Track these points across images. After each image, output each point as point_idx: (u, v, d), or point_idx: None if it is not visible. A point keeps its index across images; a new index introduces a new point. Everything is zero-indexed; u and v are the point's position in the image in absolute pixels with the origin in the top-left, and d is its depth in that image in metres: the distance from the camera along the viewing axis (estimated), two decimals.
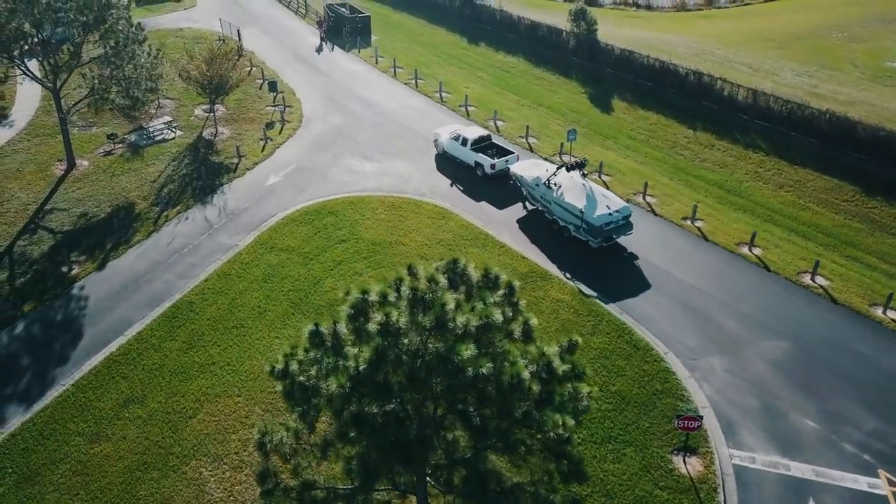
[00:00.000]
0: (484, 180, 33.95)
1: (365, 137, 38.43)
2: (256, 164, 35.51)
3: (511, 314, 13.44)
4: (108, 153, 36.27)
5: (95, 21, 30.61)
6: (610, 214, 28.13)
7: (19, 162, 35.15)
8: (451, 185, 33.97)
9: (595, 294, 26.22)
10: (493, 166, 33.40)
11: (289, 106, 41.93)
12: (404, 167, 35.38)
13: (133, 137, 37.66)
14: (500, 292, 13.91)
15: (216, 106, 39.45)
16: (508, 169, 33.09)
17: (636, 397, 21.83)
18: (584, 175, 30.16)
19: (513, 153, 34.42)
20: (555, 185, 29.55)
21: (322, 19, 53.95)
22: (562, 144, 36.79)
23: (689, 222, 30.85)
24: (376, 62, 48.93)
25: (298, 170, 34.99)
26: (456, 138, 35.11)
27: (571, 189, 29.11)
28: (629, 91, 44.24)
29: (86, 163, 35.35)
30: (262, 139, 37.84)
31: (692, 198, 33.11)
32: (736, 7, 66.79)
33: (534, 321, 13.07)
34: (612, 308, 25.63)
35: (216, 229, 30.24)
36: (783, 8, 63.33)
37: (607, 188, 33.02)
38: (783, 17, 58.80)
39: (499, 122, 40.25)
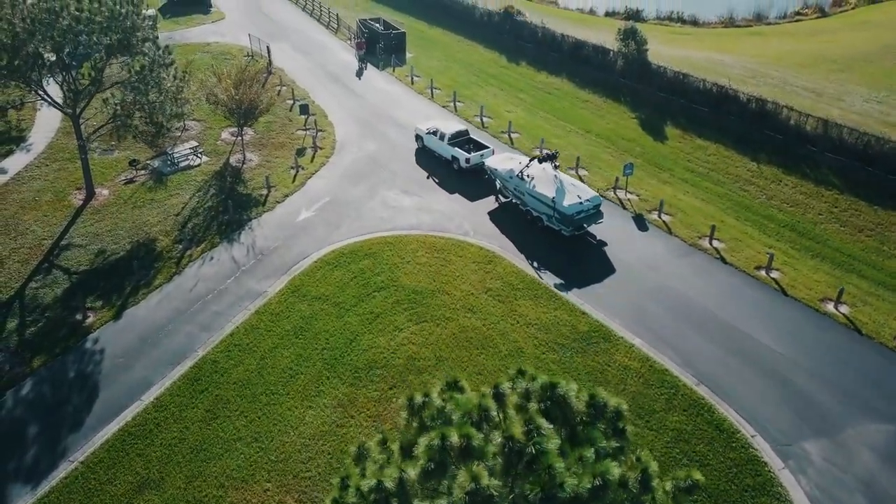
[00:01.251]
0: (460, 174, 34.75)
1: (402, 167, 35.82)
2: (287, 196, 33.02)
3: (619, 449, 10.67)
4: (130, 181, 34.02)
5: (120, 44, 28.35)
6: (581, 203, 28.66)
7: (36, 190, 33.01)
8: (428, 178, 34.71)
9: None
10: (468, 160, 34.26)
11: (321, 130, 39.47)
12: (445, 202, 32.69)
13: (156, 163, 35.40)
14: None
15: (244, 130, 37.09)
16: (483, 163, 33.56)
17: (724, 495, 18.86)
18: (556, 167, 30.56)
19: (488, 147, 35.35)
20: (528, 176, 30.27)
21: (359, 39, 51.14)
22: (617, 179, 33.87)
23: (763, 272, 27.77)
24: (412, 82, 46.36)
25: (332, 203, 32.44)
26: (434, 132, 36.04)
27: (543, 180, 29.89)
28: (683, 117, 41.22)
29: (106, 191, 33.12)
30: (292, 167, 35.38)
31: (763, 242, 30.04)
32: (787, 23, 63.43)
33: (654, 467, 10.24)
34: (686, 377, 22.66)
35: (243, 272, 27.75)
36: (839, 25, 59.88)
37: (638, 205, 30.14)
38: (842, 35, 55.35)
39: (545, 152, 37.38)
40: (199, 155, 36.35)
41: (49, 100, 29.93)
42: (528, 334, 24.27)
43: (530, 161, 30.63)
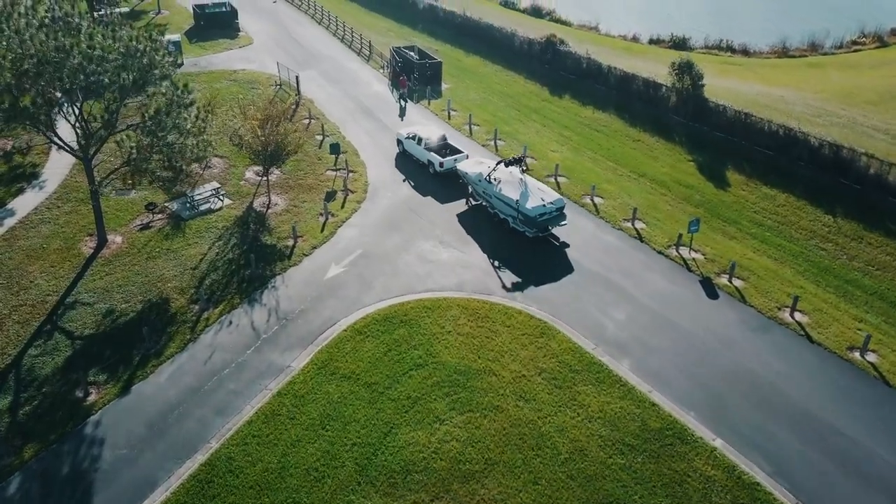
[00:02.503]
0: (434, 177, 35.96)
1: (440, 215, 32.76)
2: (315, 247, 30.09)
3: None
4: (146, 226, 31.37)
5: (135, 84, 25.74)
6: (544, 206, 29.51)
7: (44, 236, 30.46)
8: (404, 181, 35.79)
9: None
10: (441, 164, 35.47)
11: (352, 170, 36.59)
12: (488, 257, 29.54)
13: (175, 206, 32.74)
14: None
15: (271, 170, 34.29)
16: (456, 167, 34.49)
17: None
18: (523, 171, 31.81)
19: (462, 152, 36.31)
20: (495, 179, 31.28)
21: (401, 74, 47.12)
22: (680, 236, 30.44)
23: (858, 355, 24.15)
24: (449, 117, 43.42)
25: (364, 257, 29.44)
26: (412, 137, 37.48)
27: (509, 183, 30.88)
28: (746, 161, 37.73)
29: (119, 239, 30.47)
30: (321, 214, 32.48)
31: (851, 314, 26.42)
32: (845, 53, 59.61)
33: None
34: (782, 494, 19.11)
35: (265, 340, 24.76)
36: None
37: (640, 239, 26.63)
38: None
39: (597, 199, 34.14)
40: (222, 197, 33.64)
41: (59, 143, 27.44)
42: (591, 431, 20.90)
43: (497, 164, 31.71)
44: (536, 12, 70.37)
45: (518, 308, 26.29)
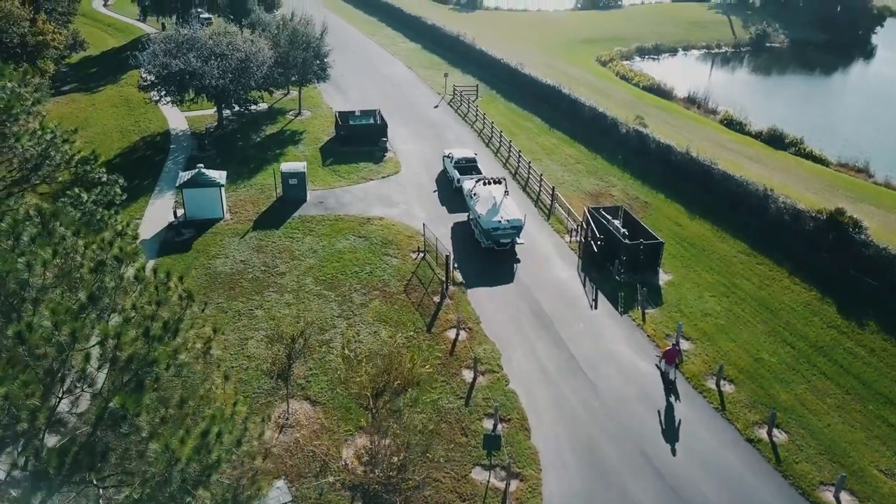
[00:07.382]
0: (456, 193, 38.47)
1: None
2: None
3: None
4: None
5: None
6: (499, 222, 32.33)
7: None
8: (434, 192, 39.55)
9: None
10: (458, 181, 38.44)
11: (517, 472, 20.99)
12: None
13: None
14: None
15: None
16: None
17: None
18: (506, 193, 34.21)
19: (481, 175, 38.25)
20: (475, 195, 34.22)
21: (675, 344, 26.27)
22: None
23: None
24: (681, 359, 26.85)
25: None
26: (448, 156, 41.10)
27: (486, 200, 33.56)
28: None
29: None
30: None
31: None
32: None
33: None
34: None
35: None
36: None
37: None
38: None
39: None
40: None
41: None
42: None
43: (477, 182, 35.08)
44: (776, 141, 52.60)
45: None
